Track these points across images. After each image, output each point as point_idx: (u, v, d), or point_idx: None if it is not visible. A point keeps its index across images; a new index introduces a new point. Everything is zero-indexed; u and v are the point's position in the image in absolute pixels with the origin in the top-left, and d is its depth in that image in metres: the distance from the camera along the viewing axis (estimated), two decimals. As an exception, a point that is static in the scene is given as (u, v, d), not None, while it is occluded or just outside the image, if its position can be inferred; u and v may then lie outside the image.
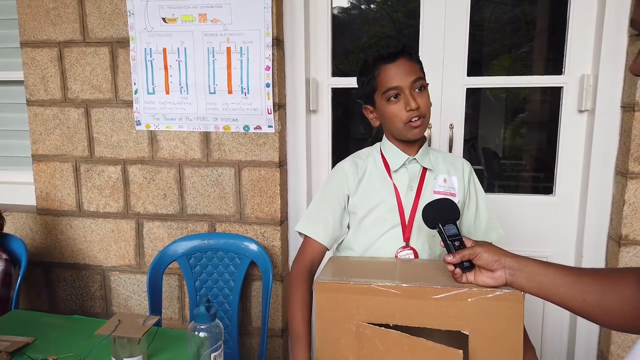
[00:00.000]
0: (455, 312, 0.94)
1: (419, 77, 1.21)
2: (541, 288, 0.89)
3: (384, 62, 1.22)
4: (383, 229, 1.27)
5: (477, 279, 0.96)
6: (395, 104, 1.21)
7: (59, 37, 2.00)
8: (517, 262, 0.92)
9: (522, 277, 0.91)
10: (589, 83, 1.77)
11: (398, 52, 1.22)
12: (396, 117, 1.22)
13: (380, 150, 1.34)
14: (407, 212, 1.26)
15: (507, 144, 2.78)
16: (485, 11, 2.37)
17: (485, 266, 0.94)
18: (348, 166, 1.34)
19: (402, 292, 0.96)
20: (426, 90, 1.23)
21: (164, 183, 2.03)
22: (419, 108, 1.19)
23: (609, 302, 0.82)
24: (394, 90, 1.21)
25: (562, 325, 1.95)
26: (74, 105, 2.05)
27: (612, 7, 1.69)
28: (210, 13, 1.87)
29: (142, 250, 2.11)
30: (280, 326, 2.04)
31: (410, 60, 1.22)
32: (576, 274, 0.87)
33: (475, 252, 0.94)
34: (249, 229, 2.00)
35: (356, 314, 0.98)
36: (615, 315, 0.82)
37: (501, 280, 0.93)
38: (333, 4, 2.00)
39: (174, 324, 2.13)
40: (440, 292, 0.95)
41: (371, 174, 1.31)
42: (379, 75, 1.23)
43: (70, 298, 2.21)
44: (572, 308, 0.87)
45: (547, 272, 0.89)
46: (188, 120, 1.96)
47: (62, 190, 2.13)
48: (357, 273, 1.05)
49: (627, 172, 1.67)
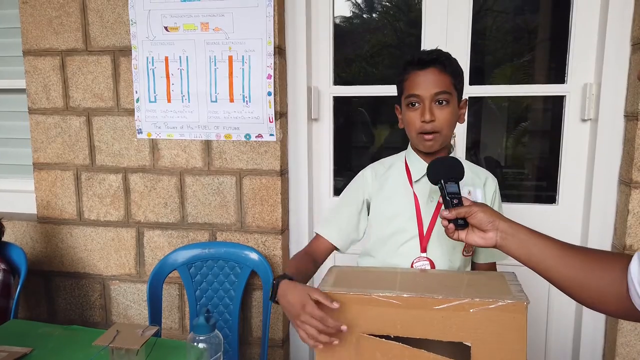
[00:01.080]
0: (457, 322, 0.93)
1: (444, 91, 1.17)
2: (529, 256, 0.91)
3: (414, 68, 1.20)
4: (402, 239, 1.26)
5: (468, 237, 0.98)
6: (413, 111, 1.20)
7: (62, 46, 2.01)
8: (511, 227, 0.94)
9: (513, 242, 0.93)
10: (592, 92, 1.76)
11: (429, 60, 1.19)
12: (411, 124, 1.22)
13: (405, 158, 1.33)
14: (425, 223, 1.25)
15: (509, 152, 2.76)
16: (487, 20, 2.37)
17: (479, 226, 0.95)
18: (369, 172, 1.34)
19: (403, 302, 0.94)
20: (450, 105, 1.19)
21: (165, 191, 2.02)
22: (433, 121, 1.17)
23: (590, 281, 0.84)
24: (414, 98, 1.19)
25: (567, 338, 1.93)
26: (76, 113, 2.05)
27: (614, 16, 1.68)
28: (212, 22, 1.88)
29: (143, 259, 2.09)
30: (281, 336, 2.02)
31: (440, 72, 1.18)
32: (565, 249, 0.89)
33: (471, 211, 0.96)
34: (249, 237, 1.98)
35: (356, 325, 0.97)
36: (592, 295, 0.84)
37: (491, 241, 0.95)
38: (335, 13, 2.00)
39: (174, 333, 2.11)
40: (442, 302, 0.93)
41: (393, 182, 1.31)
42: (407, 80, 1.22)
43: (70, 307, 2.19)
44: (553, 280, 0.89)
45: (537, 242, 0.91)
46: (189, 128, 1.96)
47: (62, 198, 2.12)
48: (358, 283, 1.03)
49: (631, 181, 1.66)
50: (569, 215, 1.88)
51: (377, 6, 2.60)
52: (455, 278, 1.09)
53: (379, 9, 2.61)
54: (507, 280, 1.02)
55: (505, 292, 0.95)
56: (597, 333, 1.84)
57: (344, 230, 1.33)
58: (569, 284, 0.87)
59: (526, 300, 0.91)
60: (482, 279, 1.08)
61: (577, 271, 0.85)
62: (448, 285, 1.01)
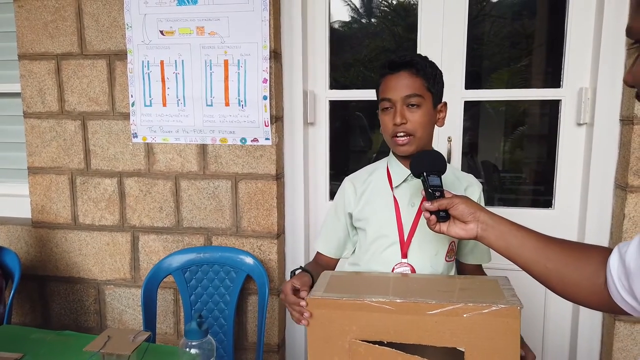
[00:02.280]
0: (451, 328, 0.92)
1: (415, 94, 1.17)
2: (508, 248, 0.92)
3: (387, 72, 1.21)
4: (383, 245, 1.26)
5: (450, 229, 0.99)
6: (387, 115, 1.20)
7: (57, 50, 2.01)
8: (491, 219, 0.94)
9: (493, 233, 0.93)
10: (588, 96, 1.76)
11: (401, 64, 1.19)
12: (385, 128, 1.22)
13: (387, 164, 1.32)
14: (406, 228, 1.24)
15: (506, 157, 2.76)
16: (484, 25, 2.37)
17: (460, 217, 0.96)
18: (348, 183, 1.35)
19: (396, 307, 0.94)
20: (422, 108, 1.18)
21: (160, 196, 2.01)
22: (404, 124, 1.16)
23: (569, 273, 0.85)
24: (387, 102, 1.20)
25: (563, 343, 1.92)
26: (71, 117, 2.04)
27: (609, 21, 1.69)
28: (207, 26, 1.88)
29: (138, 264, 2.08)
30: (276, 341, 2.01)
31: (412, 75, 1.18)
32: (545, 241, 0.89)
33: (453, 202, 0.97)
34: (245, 242, 1.97)
35: (349, 331, 0.96)
36: (570, 287, 0.85)
37: (472, 232, 0.96)
38: (333, 17, 2.01)
39: (169, 338, 2.10)
40: (435, 307, 0.92)
41: (374, 188, 1.30)
42: (381, 84, 1.23)
43: (64, 312, 2.18)
44: (532, 272, 0.90)
45: (517, 234, 0.91)
46: (185, 132, 1.95)
47: (57, 203, 2.11)
48: (350, 289, 1.02)
49: (627, 185, 1.65)
50: (566, 219, 1.87)
51: (375, 11, 2.60)
52: (448, 282, 1.08)
53: (377, 14, 2.62)
54: (500, 285, 1.02)
55: (499, 297, 0.94)
56: (593, 338, 1.83)
57: (336, 244, 1.37)
58: (547, 276, 0.88)
59: (519, 305, 0.90)
60: (475, 283, 1.07)
61: (555, 263, 0.86)
62: (441, 289, 1.00)
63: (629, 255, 0.73)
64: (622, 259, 0.75)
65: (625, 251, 0.74)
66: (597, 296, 0.81)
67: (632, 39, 0.63)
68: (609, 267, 0.77)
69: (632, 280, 0.72)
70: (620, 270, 0.75)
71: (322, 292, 1.00)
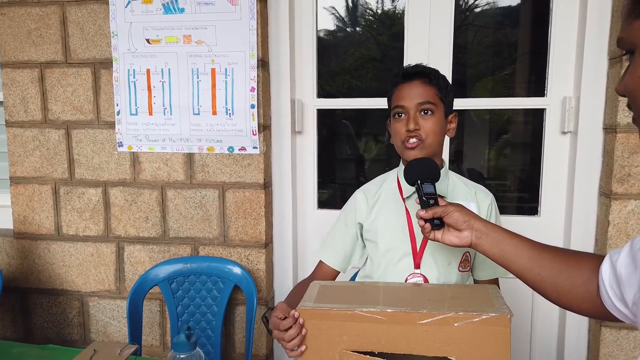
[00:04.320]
0: (442, 337, 0.92)
1: (428, 101, 1.20)
2: (503, 255, 0.93)
3: (400, 81, 1.23)
4: (396, 256, 1.26)
5: (444, 237, 1.00)
6: (399, 122, 1.22)
7: (41, 58, 1.98)
8: (485, 227, 0.95)
9: (487, 241, 0.94)
10: (571, 105, 1.79)
11: (414, 73, 1.22)
12: (397, 135, 1.23)
13: (397, 175, 1.33)
14: (418, 239, 1.24)
15: (491, 164, 2.79)
16: (468, 34, 2.40)
17: (455, 225, 0.97)
18: (360, 195, 1.35)
19: (387, 317, 0.93)
20: (434, 115, 1.21)
21: (146, 205, 1.99)
22: (417, 130, 1.18)
23: (562, 280, 0.86)
24: (400, 109, 1.22)
25: (550, 350, 1.93)
26: (55, 126, 2.01)
27: (592, 31, 1.72)
28: (194, 34, 1.87)
29: (123, 275, 2.05)
30: (264, 352, 1.99)
31: (425, 83, 1.21)
32: (538, 249, 0.90)
33: (447, 210, 0.98)
34: (232, 252, 1.96)
35: (340, 342, 0.95)
36: (564, 294, 0.86)
37: (466, 240, 0.97)
38: (319, 26, 2.01)
39: (155, 350, 2.06)
40: (426, 317, 0.92)
41: (385, 199, 1.31)
42: (394, 93, 1.25)
43: (47, 325, 2.13)
44: (526, 279, 0.91)
45: (511, 242, 0.92)
46: (171, 141, 1.93)
47: (40, 213, 2.07)
48: (340, 299, 1.02)
49: (611, 193, 1.68)
50: (551, 226, 1.89)
51: (360, 20, 2.62)
52: (438, 291, 1.08)
53: (362, 23, 2.63)
54: (490, 293, 1.02)
55: (489, 305, 0.94)
56: (580, 344, 1.84)
57: (343, 254, 1.36)
58: (541, 283, 0.89)
59: (509, 314, 0.90)
60: (465, 291, 1.07)
61: (548, 270, 0.87)
62: (431, 298, 1.00)
63: (620, 262, 0.74)
64: (613, 267, 0.76)
65: (617, 259, 0.75)
66: (590, 303, 0.82)
67: (622, 49, 0.64)
68: (601, 275, 0.78)
69: (623, 288, 0.73)
70: (612, 278, 0.76)
71: (312, 303, 0.99)
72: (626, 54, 0.64)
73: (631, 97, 0.63)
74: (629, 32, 0.62)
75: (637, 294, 0.69)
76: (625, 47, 0.63)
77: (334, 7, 2.33)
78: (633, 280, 0.71)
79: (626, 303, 0.73)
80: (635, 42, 0.61)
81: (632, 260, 0.72)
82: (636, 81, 0.61)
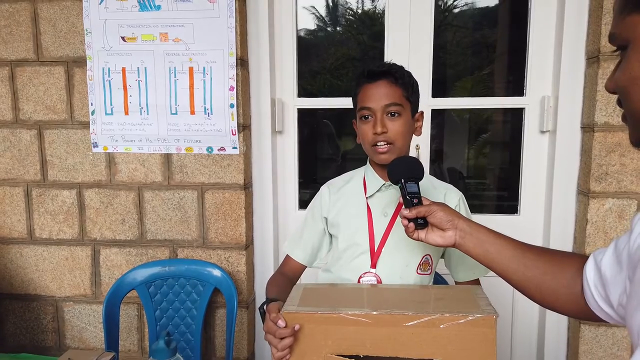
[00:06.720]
0: (428, 339, 0.91)
1: (395, 103, 1.16)
2: (486, 255, 0.92)
3: (366, 81, 1.20)
4: (354, 253, 1.25)
5: (428, 237, 0.98)
6: (366, 124, 1.19)
7: (11, 56, 1.91)
8: (469, 227, 0.94)
9: (471, 241, 0.93)
10: (550, 104, 1.81)
11: (380, 73, 1.18)
12: (364, 137, 1.21)
13: (364, 173, 1.31)
14: (377, 238, 1.23)
15: (471, 163, 2.81)
16: (447, 35, 2.41)
17: (439, 224, 0.96)
18: (325, 190, 1.34)
19: (372, 320, 0.92)
20: (402, 117, 1.18)
21: (123, 207, 1.94)
22: (385, 133, 1.16)
23: (546, 280, 0.85)
24: (366, 111, 1.18)
25: (531, 347, 1.95)
26: (26, 126, 1.94)
27: (570, 31, 1.74)
28: (171, 32, 1.83)
29: (99, 279, 1.99)
30: (245, 355, 1.96)
31: (391, 84, 1.17)
32: (522, 249, 0.89)
33: (431, 210, 0.97)
34: (212, 254, 1.92)
35: (324, 346, 0.93)
36: (548, 295, 0.86)
37: (450, 240, 0.95)
38: (299, 25, 1.99)
39: (133, 356, 2.01)
40: (412, 319, 0.91)
41: (349, 196, 1.29)
42: (359, 93, 1.21)
43: (19, 332, 2.06)
44: (510, 280, 0.90)
45: (495, 242, 0.91)
46: (148, 141, 1.89)
47: (11, 216, 2.00)
48: (324, 302, 1.00)
49: (589, 191, 1.70)
50: (530, 225, 1.91)
51: (341, 20, 2.61)
52: (422, 292, 1.07)
53: (343, 23, 2.62)
54: (474, 294, 1.01)
55: (474, 306, 0.94)
56: (560, 341, 1.86)
57: (310, 249, 1.35)
58: (525, 283, 0.88)
59: (495, 314, 0.90)
60: (450, 292, 1.06)
61: (531, 271, 0.86)
62: (416, 300, 0.99)
63: (604, 263, 0.74)
64: (597, 267, 0.75)
65: (601, 259, 0.75)
66: (575, 304, 0.82)
67: (614, 45, 0.63)
68: (585, 275, 0.78)
69: (608, 288, 0.73)
70: (596, 278, 0.75)
71: (296, 306, 0.97)
72: (617, 50, 0.63)
73: (622, 94, 0.62)
74: (621, 28, 0.60)
75: (622, 295, 0.68)
76: (617, 43, 0.62)
77: (314, 6, 2.31)
78: (618, 281, 0.70)
79: (611, 304, 0.73)
80: (628, 38, 0.60)
81: (616, 260, 0.72)
82: (628, 77, 0.60)
